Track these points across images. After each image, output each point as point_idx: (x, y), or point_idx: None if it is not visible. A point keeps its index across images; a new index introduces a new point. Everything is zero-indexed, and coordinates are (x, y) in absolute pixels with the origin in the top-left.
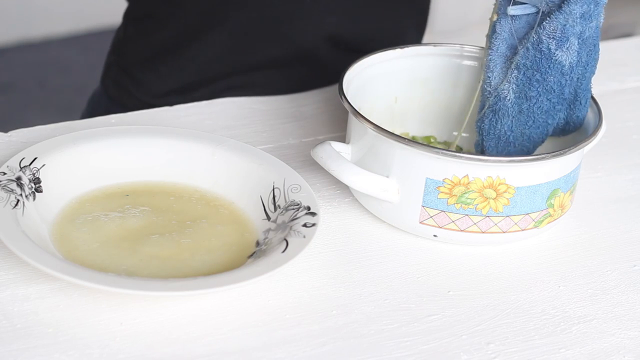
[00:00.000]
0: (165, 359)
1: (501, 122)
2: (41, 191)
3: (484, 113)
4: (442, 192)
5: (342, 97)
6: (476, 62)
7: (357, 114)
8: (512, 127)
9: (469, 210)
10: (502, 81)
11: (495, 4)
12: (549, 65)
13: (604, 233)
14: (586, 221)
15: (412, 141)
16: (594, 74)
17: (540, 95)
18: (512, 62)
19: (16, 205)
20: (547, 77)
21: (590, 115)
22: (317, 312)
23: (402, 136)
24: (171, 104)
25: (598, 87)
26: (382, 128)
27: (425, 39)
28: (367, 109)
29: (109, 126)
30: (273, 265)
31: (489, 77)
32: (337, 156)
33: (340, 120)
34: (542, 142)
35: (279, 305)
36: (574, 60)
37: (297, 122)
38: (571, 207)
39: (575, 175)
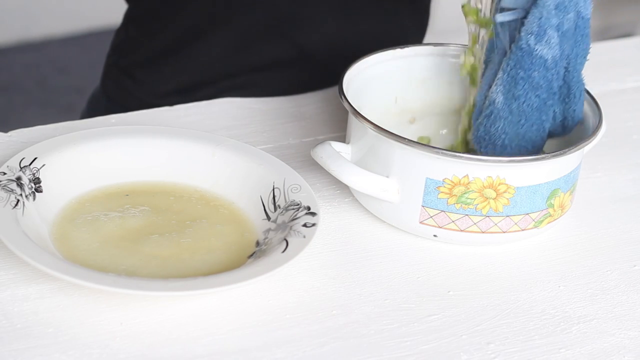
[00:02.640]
0: (165, 359)
1: (494, 126)
2: (41, 191)
3: (480, 121)
4: (442, 192)
5: (342, 97)
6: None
7: (357, 114)
8: (505, 129)
9: (469, 210)
10: (491, 85)
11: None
12: (532, 61)
13: (604, 233)
14: (586, 221)
15: (412, 141)
16: (583, 66)
17: (527, 93)
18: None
19: (16, 205)
20: (532, 74)
21: (590, 115)
22: (317, 312)
23: (403, 136)
24: (172, 104)
25: (598, 87)
26: (382, 128)
27: (425, 39)
28: (367, 109)
29: (109, 126)
30: (273, 265)
31: (485, 87)
32: (337, 156)
33: (340, 120)
34: (542, 141)
35: (279, 305)
36: (556, 54)
37: (297, 122)
38: (571, 207)
39: (575, 175)
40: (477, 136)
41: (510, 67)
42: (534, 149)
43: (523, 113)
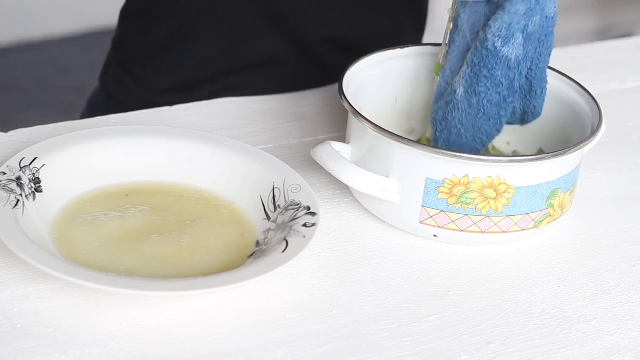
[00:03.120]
0: (165, 359)
1: (451, 114)
2: (41, 191)
3: (440, 105)
4: (442, 192)
5: (342, 97)
6: None
7: (357, 114)
8: (462, 120)
9: (469, 210)
10: (456, 75)
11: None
12: (496, 62)
13: (604, 233)
14: (586, 221)
15: (412, 141)
16: (547, 64)
17: (488, 90)
18: (465, 58)
19: (16, 205)
20: (495, 73)
21: (590, 115)
22: (317, 312)
23: (403, 136)
24: (171, 102)
25: (598, 87)
26: (382, 128)
27: (425, 39)
28: (367, 109)
29: (109, 126)
30: (273, 265)
31: (448, 71)
32: (337, 156)
33: (340, 120)
34: (498, 133)
35: (279, 305)
36: (520, 54)
37: (297, 122)
38: (571, 207)
39: (575, 175)
40: (435, 119)
41: (475, 64)
42: (488, 140)
43: (482, 107)
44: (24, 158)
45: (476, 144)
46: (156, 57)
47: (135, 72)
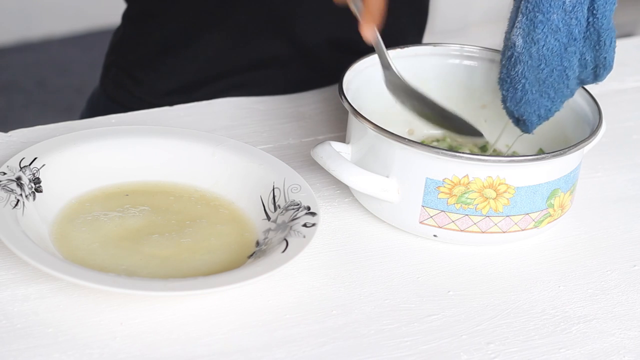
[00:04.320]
0: (165, 359)
1: (514, 69)
2: (41, 191)
3: (503, 63)
4: (442, 192)
5: (342, 97)
6: (476, 62)
7: (357, 114)
8: (525, 74)
9: (469, 210)
10: (512, 28)
11: None
12: (550, 4)
13: (604, 233)
14: (586, 221)
15: (412, 141)
16: (612, 12)
17: (547, 37)
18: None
19: (16, 205)
20: (551, 16)
21: (590, 115)
22: (317, 312)
23: (403, 136)
24: (171, 103)
25: (598, 87)
26: (382, 128)
27: (425, 39)
28: (367, 109)
29: (109, 126)
30: (273, 265)
31: (509, 27)
32: (337, 156)
33: (340, 120)
34: (568, 90)
35: (279, 305)
36: None
37: (297, 122)
38: (571, 207)
39: (575, 175)
40: (500, 78)
41: (529, 10)
42: (557, 96)
43: (543, 57)
44: (24, 158)
45: (543, 100)
46: (157, 60)
47: (136, 75)
